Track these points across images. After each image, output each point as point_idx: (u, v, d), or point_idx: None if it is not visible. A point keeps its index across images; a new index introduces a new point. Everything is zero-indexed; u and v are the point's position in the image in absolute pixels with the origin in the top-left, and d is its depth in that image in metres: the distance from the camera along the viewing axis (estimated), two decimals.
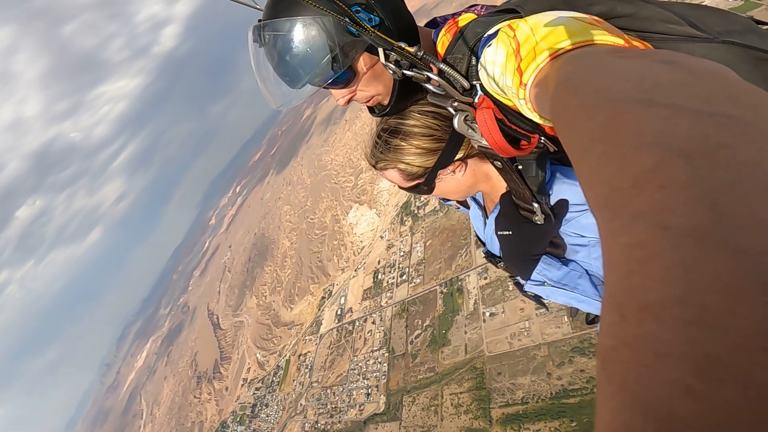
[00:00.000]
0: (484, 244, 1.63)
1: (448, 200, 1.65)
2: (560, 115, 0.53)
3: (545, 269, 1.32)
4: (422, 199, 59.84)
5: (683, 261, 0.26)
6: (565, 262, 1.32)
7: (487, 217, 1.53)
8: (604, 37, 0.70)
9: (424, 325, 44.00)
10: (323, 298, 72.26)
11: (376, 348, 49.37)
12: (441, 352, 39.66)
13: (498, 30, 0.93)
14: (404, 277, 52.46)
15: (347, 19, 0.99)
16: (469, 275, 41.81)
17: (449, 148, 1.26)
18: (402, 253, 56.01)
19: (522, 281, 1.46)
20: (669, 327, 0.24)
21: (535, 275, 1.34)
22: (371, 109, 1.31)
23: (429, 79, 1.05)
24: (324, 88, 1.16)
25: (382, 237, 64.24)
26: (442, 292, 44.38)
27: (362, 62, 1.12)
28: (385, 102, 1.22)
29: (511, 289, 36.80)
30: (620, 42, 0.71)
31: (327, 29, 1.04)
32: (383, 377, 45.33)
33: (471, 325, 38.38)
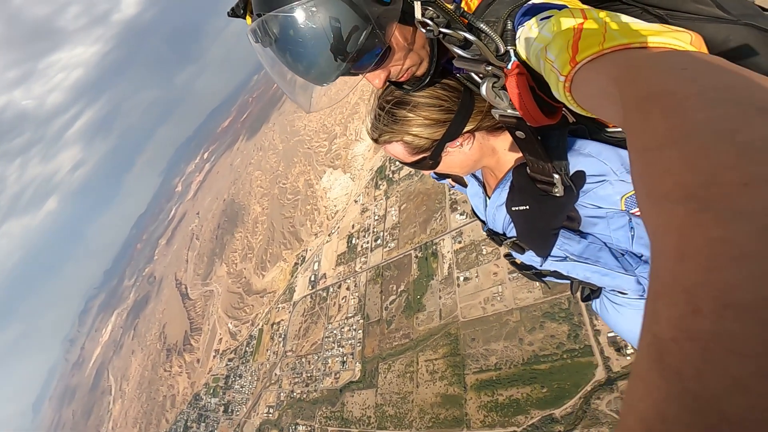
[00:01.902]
0: (484, 223, 1.59)
1: (444, 178, 1.62)
2: (658, 96, 0.48)
3: (566, 243, 1.32)
4: (398, 163, 58.06)
5: None
6: (583, 234, 1.32)
7: (489, 195, 1.50)
8: (691, 46, 0.67)
9: (399, 290, 42.88)
10: (296, 264, 70.52)
11: (350, 315, 48.28)
12: (416, 318, 38.83)
13: (544, 1, 0.91)
14: (379, 241, 50.91)
15: None
16: (443, 239, 40.68)
17: (458, 119, 1.24)
18: (376, 217, 54.36)
19: (537, 258, 1.41)
20: (751, 327, 0.24)
21: (556, 250, 1.34)
22: (398, 84, 1.19)
23: (465, 40, 0.97)
24: (361, 74, 1.07)
25: (356, 201, 62.34)
26: (416, 257, 43.23)
27: (398, 33, 1.02)
28: (421, 72, 1.14)
29: (485, 253, 36.38)
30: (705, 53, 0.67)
31: (349, 7, 0.90)
32: (358, 344, 44.48)
33: (445, 290, 37.54)
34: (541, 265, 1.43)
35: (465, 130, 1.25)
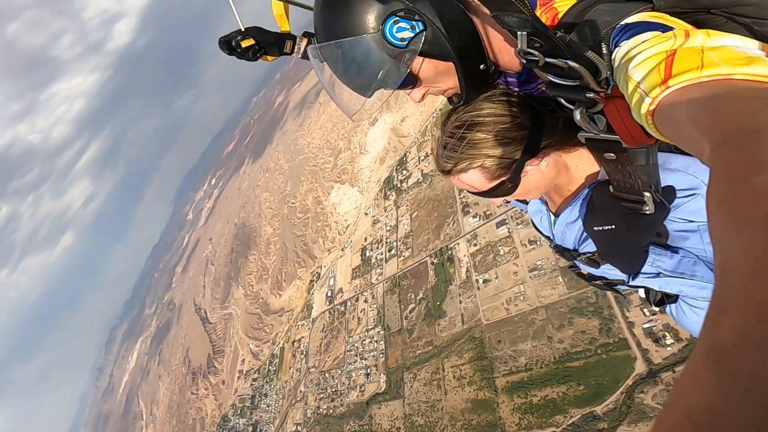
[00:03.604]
0: (549, 239, 1.58)
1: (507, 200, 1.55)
2: (754, 129, 0.49)
3: (658, 259, 1.29)
4: (405, 171, 58.64)
5: None
6: (673, 249, 1.28)
7: (553, 212, 1.49)
8: None
9: (418, 298, 42.86)
10: (312, 281, 70.73)
11: (370, 327, 48.24)
12: (437, 325, 38.67)
13: (641, 21, 0.90)
14: (393, 251, 51.12)
15: (387, 35, 1.02)
16: (458, 243, 40.69)
17: (534, 133, 1.21)
18: (388, 228, 54.61)
19: (623, 275, 1.39)
20: None
21: (647, 267, 1.31)
22: (449, 99, 1.29)
23: (568, 67, 0.94)
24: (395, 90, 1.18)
25: (366, 214, 62.82)
26: (432, 263, 43.21)
27: (419, 65, 1.10)
28: (461, 92, 1.20)
29: (502, 253, 36.20)
30: None
31: (370, 48, 1.04)
32: (381, 356, 44.29)
33: (465, 294, 37.43)
34: (629, 282, 1.40)
35: (542, 145, 1.22)
